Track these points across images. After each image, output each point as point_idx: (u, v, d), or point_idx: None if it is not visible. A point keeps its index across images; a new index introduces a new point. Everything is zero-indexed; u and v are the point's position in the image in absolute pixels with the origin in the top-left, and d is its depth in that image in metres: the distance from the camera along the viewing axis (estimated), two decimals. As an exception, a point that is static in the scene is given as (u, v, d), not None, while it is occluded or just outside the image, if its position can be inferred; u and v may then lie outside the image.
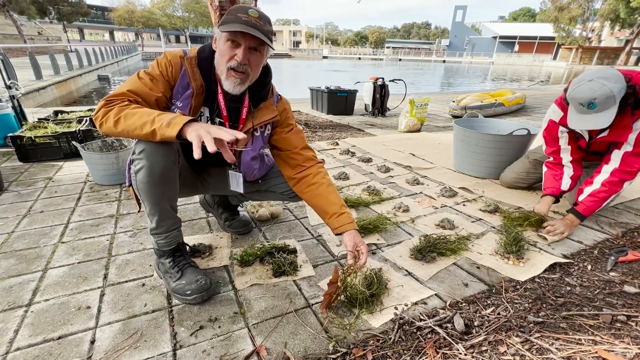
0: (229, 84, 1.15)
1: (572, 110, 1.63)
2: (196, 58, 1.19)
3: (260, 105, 1.30)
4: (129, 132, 1.04)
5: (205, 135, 0.96)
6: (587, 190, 1.73)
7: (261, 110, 1.30)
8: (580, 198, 1.75)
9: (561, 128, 1.84)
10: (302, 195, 1.41)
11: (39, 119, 3.21)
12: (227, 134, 0.98)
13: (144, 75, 1.15)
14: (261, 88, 1.28)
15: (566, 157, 1.88)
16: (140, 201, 1.22)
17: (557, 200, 1.90)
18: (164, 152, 1.10)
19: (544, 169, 1.99)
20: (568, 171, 1.88)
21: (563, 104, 1.75)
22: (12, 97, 3.20)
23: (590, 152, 1.88)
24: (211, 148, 0.94)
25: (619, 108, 1.52)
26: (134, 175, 1.14)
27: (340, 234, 1.32)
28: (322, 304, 1.19)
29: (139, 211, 1.35)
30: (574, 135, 1.84)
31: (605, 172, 1.70)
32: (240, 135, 0.99)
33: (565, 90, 1.67)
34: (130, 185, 1.26)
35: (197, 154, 0.94)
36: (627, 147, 1.65)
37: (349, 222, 1.33)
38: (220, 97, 1.21)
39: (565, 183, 1.87)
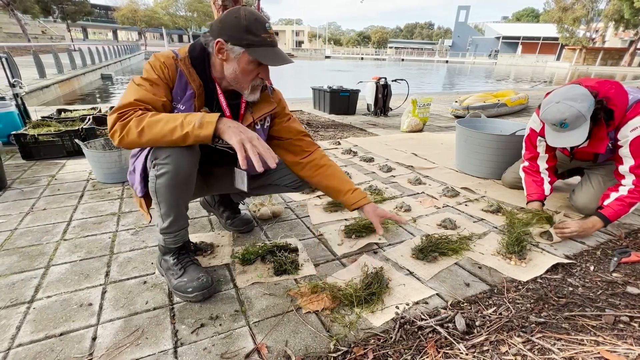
0: (253, 96, 1.21)
1: (547, 129, 1.69)
2: (189, 58, 1.17)
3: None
4: (156, 140, 1.04)
5: (248, 145, 1.02)
6: (614, 195, 1.70)
7: (259, 104, 1.31)
8: (607, 202, 1.71)
9: (539, 137, 1.89)
10: (311, 180, 1.44)
11: (42, 117, 3.23)
12: (270, 157, 1.05)
13: (142, 82, 1.12)
14: None
15: (542, 164, 1.96)
16: (153, 205, 1.21)
17: (542, 205, 1.93)
18: (190, 156, 1.12)
19: (522, 174, 2.04)
20: (546, 178, 1.96)
21: None
22: (15, 96, 3.22)
23: (576, 159, 1.94)
24: (259, 168, 1.02)
25: (593, 121, 1.57)
26: (155, 179, 1.13)
27: (357, 209, 1.45)
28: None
29: (150, 221, 1.34)
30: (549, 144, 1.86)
31: (626, 184, 1.68)
32: (273, 164, 1.06)
33: (539, 108, 1.73)
34: (143, 196, 1.24)
35: (243, 164, 1.01)
36: (629, 161, 1.63)
37: (364, 196, 1.46)
38: (222, 97, 1.22)
39: (547, 188, 1.94)
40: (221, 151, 1.32)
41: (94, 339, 1.06)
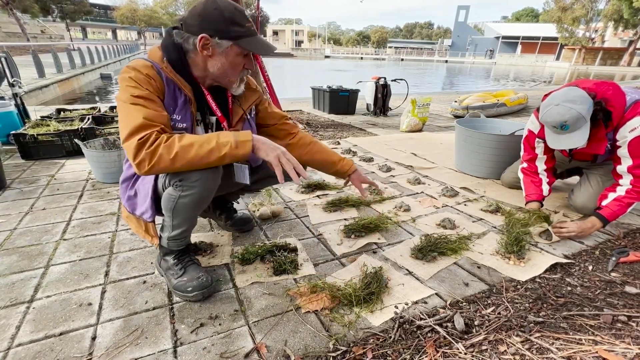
0: (240, 89, 1.20)
1: (547, 131, 1.70)
2: (169, 64, 1.10)
3: None
4: (192, 165, 1.02)
5: (283, 160, 1.07)
6: (612, 195, 1.71)
7: (244, 94, 1.31)
8: (605, 202, 1.72)
9: (537, 139, 1.90)
10: (302, 158, 1.45)
11: (41, 116, 3.22)
12: (303, 171, 1.10)
13: (136, 101, 1.02)
14: None
15: (541, 165, 1.96)
16: (165, 218, 1.21)
17: (541, 205, 1.94)
18: (217, 176, 1.13)
19: (521, 175, 2.04)
20: (544, 179, 1.96)
21: None
22: (15, 95, 3.22)
23: (575, 159, 1.95)
24: (295, 179, 1.07)
25: (592, 122, 1.58)
26: (177, 199, 1.11)
27: (350, 175, 1.56)
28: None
29: (157, 245, 1.28)
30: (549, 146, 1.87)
31: (624, 184, 1.69)
32: (305, 174, 1.11)
33: (538, 110, 1.74)
34: (153, 220, 1.21)
35: (281, 179, 1.06)
36: (627, 161, 1.64)
37: (351, 162, 1.57)
38: (209, 97, 1.20)
39: (545, 189, 1.95)
40: None
41: (93, 338, 1.06)
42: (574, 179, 2.23)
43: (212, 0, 1.06)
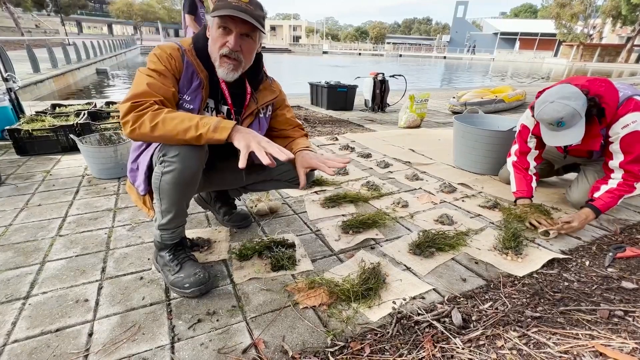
0: (223, 71, 1.16)
1: (543, 128, 1.70)
2: (194, 49, 1.18)
3: (260, 87, 1.33)
4: (169, 137, 1.04)
5: (257, 149, 1.00)
6: (604, 187, 1.74)
7: (262, 92, 1.33)
8: (597, 194, 1.74)
9: (531, 135, 1.91)
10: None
11: (36, 112, 3.19)
12: (278, 152, 1.02)
13: (150, 72, 1.11)
14: (257, 72, 1.30)
15: (532, 162, 1.98)
16: (155, 201, 1.21)
17: (530, 202, 1.94)
18: (198, 156, 1.11)
19: (511, 169, 2.04)
20: (534, 177, 1.98)
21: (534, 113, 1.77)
22: (9, 90, 3.18)
23: (570, 156, 1.96)
24: (266, 161, 0.99)
25: (587, 119, 1.58)
26: (160, 176, 1.12)
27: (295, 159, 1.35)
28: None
29: (153, 218, 1.29)
30: (541, 141, 1.88)
31: (615, 177, 1.72)
32: (286, 157, 1.02)
33: (533, 107, 1.74)
34: (146, 193, 1.24)
35: (242, 163, 1.00)
36: (619, 157, 1.66)
37: (305, 145, 1.37)
38: (223, 85, 1.22)
39: (534, 187, 1.97)
40: (225, 145, 1.31)
41: (90, 334, 1.06)
42: (572, 175, 2.24)
43: None
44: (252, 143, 1.02)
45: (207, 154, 1.16)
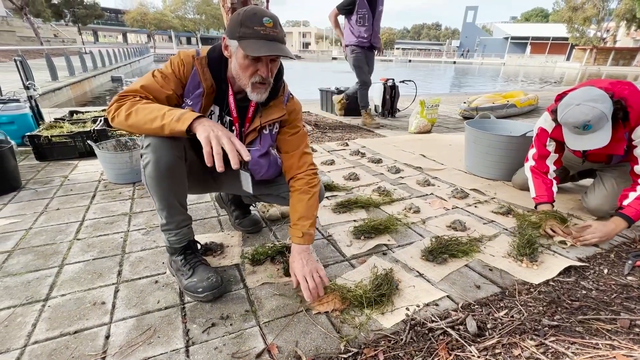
0: (256, 95, 1.17)
1: (567, 132, 1.66)
2: (206, 58, 1.20)
3: (270, 103, 1.29)
4: (138, 126, 1.07)
5: (214, 141, 0.99)
6: (633, 194, 1.66)
7: (270, 109, 1.29)
8: (626, 202, 1.67)
9: (550, 138, 1.86)
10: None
11: (55, 118, 3.28)
12: (238, 147, 1.01)
13: (157, 74, 1.18)
14: (274, 87, 1.28)
15: (551, 166, 1.92)
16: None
17: (552, 207, 1.89)
18: (170, 147, 1.12)
19: (529, 174, 1.98)
20: (554, 181, 1.92)
21: (555, 117, 1.72)
22: (30, 98, 3.29)
23: (589, 161, 1.91)
24: (218, 161, 0.98)
25: (612, 122, 1.54)
26: (143, 170, 1.16)
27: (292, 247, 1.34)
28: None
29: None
30: (561, 145, 1.84)
31: None
32: (246, 157, 1.01)
33: (554, 111, 1.69)
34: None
35: (209, 162, 0.99)
36: None
37: (299, 235, 1.29)
38: (231, 98, 1.23)
39: (555, 191, 1.90)
40: None
41: (107, 337, 1.08)
42: (587, 182, 2.19)
43: (247, 6, 1.12)
44: (211, 135, 0.99)
45: (180, 147, 1.16)
